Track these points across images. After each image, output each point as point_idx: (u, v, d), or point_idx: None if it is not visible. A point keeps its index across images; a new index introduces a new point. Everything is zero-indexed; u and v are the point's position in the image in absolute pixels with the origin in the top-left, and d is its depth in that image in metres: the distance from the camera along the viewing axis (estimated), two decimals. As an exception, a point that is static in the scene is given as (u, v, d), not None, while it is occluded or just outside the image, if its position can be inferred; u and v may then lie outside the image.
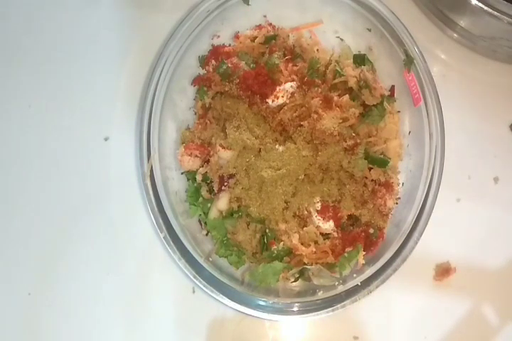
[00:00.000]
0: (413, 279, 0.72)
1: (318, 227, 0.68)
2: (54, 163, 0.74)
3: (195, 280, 0.66)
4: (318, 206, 0.68)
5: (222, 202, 0.67)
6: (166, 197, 0.67)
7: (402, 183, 0.71)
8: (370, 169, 0.69)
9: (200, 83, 0.72)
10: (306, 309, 0.66)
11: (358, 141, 0.68)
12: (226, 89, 0.69)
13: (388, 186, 0.69)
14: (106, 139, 0.75)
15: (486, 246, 0.74)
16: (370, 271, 0.66)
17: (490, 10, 0.65)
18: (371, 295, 0.66)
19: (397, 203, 0.70)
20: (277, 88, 0.68)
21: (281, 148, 0.66)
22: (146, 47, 0.76)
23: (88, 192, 0.73)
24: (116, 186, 0.73)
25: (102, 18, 0.77)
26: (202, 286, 0.66)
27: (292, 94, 0.69)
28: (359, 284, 0.66)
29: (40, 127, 0.75)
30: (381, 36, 0.71)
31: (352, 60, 0.73)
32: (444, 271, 0.72)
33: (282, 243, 0.67)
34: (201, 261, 0.66)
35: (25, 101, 0.75)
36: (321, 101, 0.68)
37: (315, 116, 0.67)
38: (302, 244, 0.67)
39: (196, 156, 0.69)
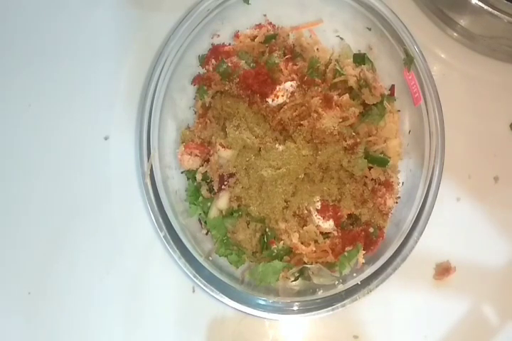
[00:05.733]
0: (413, 278, 0.72)
1: (318, 226, 0.68)
2: (54, 162, 0.74)
3: (195, 279, 0.66)
4: (318, 205, 0.68)
5: (222, 201, 0.67)
6: (166, 196, 0.67)
7: (402, 182, 0.71)
8: (370, 168, 0.69)
9: (200, 82, 0.72)
10: (306, 308, 0.66)
11: (358, 140, 0.68)
12: (226, 88, 0.69)
13: (388, 185, 0.69)
14: (106, 138, 0.75)
15: (486, 245, 0.74)
16: (370, 270, 0.66)
17: (490, 9, 0.65)
18: (371, 295, 0.66)
19: (397, 202, 0.70)
20: (277, 87, 0.68)
21: (281, 148, 0.66)
22: (146, 47, 0.76)
23: (88, 191, 0.73)
24: (116, 185, 0.73)
25: (102, 18, 0.78)
26: (202, 285, 0.66)
27: (292, 93, 0.69)
28: (359, 283, 0.66)
29: (40, 126, 0.75)
30: (381, 35, 0.71)
31: (352, 59, 0.73)
32: (444, 270, 0.72)
33: (282, 242, 0.67)
34: (201, 260, 0.66)
35: (26, 100, 0.75)
36: (320, 101, 0.68)
37: (315, 115, 0.67)
38: (302, 243, 0.67)
39: (196, 155, 0.69)
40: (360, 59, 0.73)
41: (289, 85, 0.68)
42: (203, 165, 0.70)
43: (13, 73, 0.76)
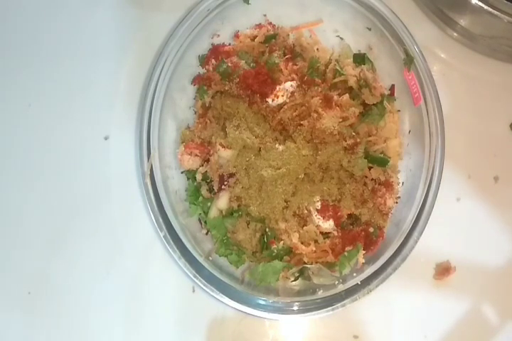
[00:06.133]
0: (413, 278, 0.72)
1: (318, 226, 0.68)
2: (54, 161, 0.74)
3: (195, 279, 0.66)
4: (318, 205, 0.68)
5: (222, 201, 0.67)
6: (166, 196, 0.67)
7: (402, 182, 0.71)
8: (370, 168, 0.69)
9: (200, 82, 0.72)
10: (306, 308, 0.66)
11: (358, 140, 0.68)
12: (226, 88, 0.69)
13: (388, 185, 0.69)
14: (106, 138, 0.75)
15: (486, 245, 0.74)
16: (370, 270, 0.66)
17: (490, 9, 0.65)
18: (371, 295, 0.66)
19: (397, 202, 0.70)
20: (277, 87, 0.68)
21: (281, 148, 0.66)
22: (146, 47, 0.76)
23: (88, 191, 0.73)
24: (116, 185, 0.73)
25: (102, 18, 0.78)
26: (202, 285, 0.66)
27: (292, 93, 0.69)
28: (359, 283, 0.66)
29: (40, 126, 0.75)
30: (381, 35, 0.71)
31: (352, 59, 0.73)
32: (444, 270, 0.72)
33: (282, 242, 0.67)
34: (201, 260, 0.66)
35: (26, 100, 0.75)
36: (320, 101, 0.68)
37: (315, 115, 0.67)
38: (302, 243, 0.67)
39: (196, 155, 0.69)
40: (360, 59, 0.73)
41: (289, 85, 0.68)
42: (203, 165, 0.70)
43: (13, 73, 0.76)
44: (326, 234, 0.69)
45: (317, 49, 0.73)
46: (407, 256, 0.66)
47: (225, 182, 0.68)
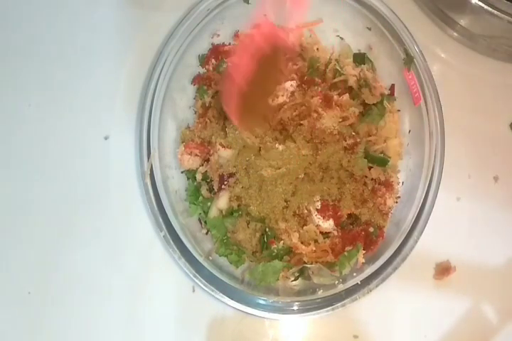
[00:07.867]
0: (413, 278, 0.72)
1: (318, 226, 0.67)
2: (54, 161, 0.74)
3: (195, 279, 0.66)
4: (318, 205, 0.67)
5: (222, 201, 0.67)
6: (166, 196, 0.67)
7: (402, 182, 0.71)
8: (370, 168, 0.69)
9: (200, 82, 0.72)
10: (306, 308, 0.66)
11: (358, 140, 0.68)
12: (226, 88, 0.69)
13: (388, 185, 0.69)
14: (106, 138, 0.75)
15: (485, 245, 0.74)
16: (370, 270, 0.66)
17: (490, 9, 0.66)
18: (371, 294, 0.66)
19: (397, 202, 0.70)
20: (277, 87, 0.68)
21: (281, 147, 0.66)
22: (146, 46, 0.76)
23: (88, 191, 0.73)
24: (116, 185, 0.73)
25: (102, 18, 0.78)
26: (202, 285, 0.66)
27: (292, 93, 0.69)
28: (359, 283, 0.65)
29: (40, 126, 0.75)
30: (381, 35, 0.71)
31: (352, 58, 0.73)
32: (443, 269, 0.72)
33: (282, 242, 0.67)
34: (201, 260, 0.66)
35: (25, 100, 0.75)
36: (320, 100, 0.68)
37: (315, 115, 0.67)
38: (302, 242, 0.67)
39: (196, 155, 0.69)
40: (360, 59, 0.73)
41: (289, 85, 0.68)
42: (203, 165, 0.70)
43: (13, 73, 0.76)
44: (326, 234, 0.69)
45: (317, 49, 0.73)
46: (407, 255, 0.66)
47: (225, 182, 0.68)
